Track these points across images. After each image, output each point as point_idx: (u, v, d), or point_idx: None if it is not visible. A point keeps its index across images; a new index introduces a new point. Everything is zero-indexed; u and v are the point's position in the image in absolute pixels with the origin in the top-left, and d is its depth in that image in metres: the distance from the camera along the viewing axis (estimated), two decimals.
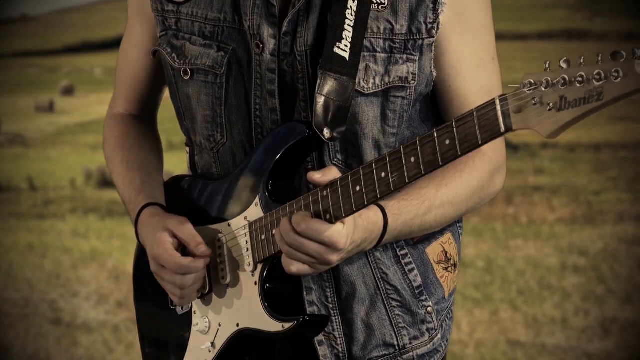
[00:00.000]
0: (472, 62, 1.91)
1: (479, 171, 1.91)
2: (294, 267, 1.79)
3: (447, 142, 1.63)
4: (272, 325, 1.85)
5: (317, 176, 1.77)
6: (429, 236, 1.97)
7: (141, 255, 2.09)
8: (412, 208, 1.84)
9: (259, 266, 1.88)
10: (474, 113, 1.59)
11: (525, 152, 11.80)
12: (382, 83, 1.87)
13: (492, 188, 1.95)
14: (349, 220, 1.76)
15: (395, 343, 1.95)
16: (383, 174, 1.70)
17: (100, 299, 6.84)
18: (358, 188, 1.72)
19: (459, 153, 1.62)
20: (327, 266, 1.79)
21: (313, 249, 1.75)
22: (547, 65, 1.54)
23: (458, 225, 2.04)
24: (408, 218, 1.84)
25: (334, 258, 1.77)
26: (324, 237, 1.74)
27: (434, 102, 1.96)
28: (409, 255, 1.95)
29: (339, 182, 1.75)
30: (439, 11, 1.86)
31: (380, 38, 1.87)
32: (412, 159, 1.67)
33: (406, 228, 1.85)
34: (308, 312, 1.92)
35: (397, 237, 1.87)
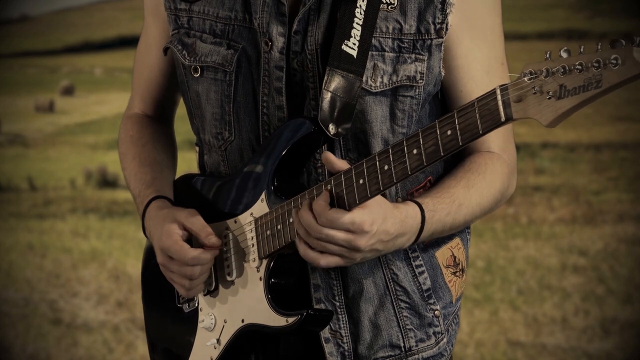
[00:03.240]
0: (483, 67, 1.92)
1: (500, 173, 1.93)
2: (324, 260, 1.78)
3: (449, 132, 1.64)
4: (277, 320, 1.86)
5: (331, 156, 1.77)
6: (439, 240, 1.98)
7: (150, 255, 2.09)
8: (444, 206, 1.85)
9: (264, 261, 1.89)
10: (475, 103, 1.61)
11: (525, 152, 11.78)
12: (390, 82, 1.87)
13: (510, 189, 1.97)
14: (373, 204, 1.75)
15: (402, 344, 1.95)
16: (386, 167, 1.71)
17: (100, 299, 6.83)
18: (361, 181, 1.73)
19: (460, 143, 1.63)
20: (358, 253, 1.78)
21: (341, 237, 1.75)
22: (547, 55, 1.56)
23: (467, 230, 2.05)
24: (442, 215, 1.85)
25: (363, 242, 1.75)
26: (346, 223, 1.73)
27: (444, 106, 1.97)
28: (420, 258, 1.96)
29: (342, 176, 1.76)
30: (447, 12, 1.87)
31: (389, 37, 1.87)
32: (415, 151, 1.68)
33: (440, 226, 1.86)
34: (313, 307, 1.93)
35: (431, 236, 1.88)
